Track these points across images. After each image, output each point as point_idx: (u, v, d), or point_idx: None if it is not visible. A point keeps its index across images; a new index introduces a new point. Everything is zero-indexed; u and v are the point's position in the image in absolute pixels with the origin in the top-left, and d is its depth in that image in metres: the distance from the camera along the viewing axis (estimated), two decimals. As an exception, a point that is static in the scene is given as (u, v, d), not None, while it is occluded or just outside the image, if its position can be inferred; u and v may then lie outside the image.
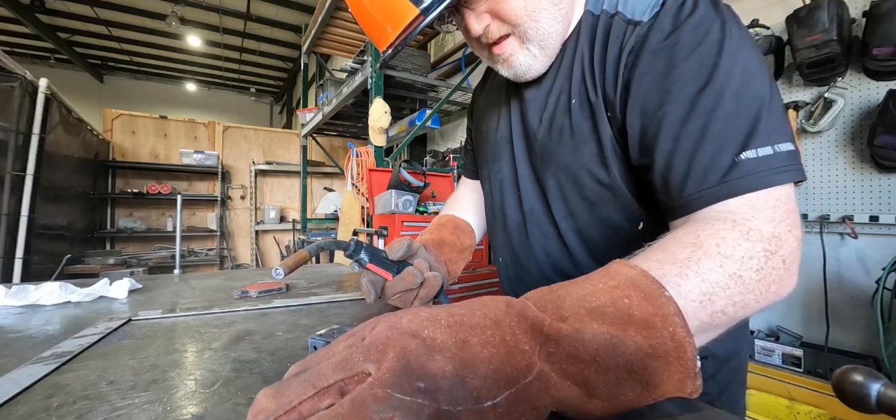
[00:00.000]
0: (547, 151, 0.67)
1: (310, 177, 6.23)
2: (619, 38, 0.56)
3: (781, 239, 0.42)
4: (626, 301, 0.34)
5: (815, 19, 1.94)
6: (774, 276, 0.41)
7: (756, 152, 0.44)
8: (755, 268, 0.40)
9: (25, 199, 3.16)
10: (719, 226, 0.42)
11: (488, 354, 0.29)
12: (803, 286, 2.26)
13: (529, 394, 0.29)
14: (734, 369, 0.67)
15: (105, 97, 9.86)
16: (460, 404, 0.27)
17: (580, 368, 0.31)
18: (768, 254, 0.41)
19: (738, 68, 0.47)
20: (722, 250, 0.40)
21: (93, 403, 0.40)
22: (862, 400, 0.36)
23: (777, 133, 0.45)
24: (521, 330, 0.32)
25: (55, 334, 0.65)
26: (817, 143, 2.18)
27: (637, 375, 0.31)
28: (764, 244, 0.41)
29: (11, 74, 3.14)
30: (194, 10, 7.39)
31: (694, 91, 0.48)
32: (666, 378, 0.32)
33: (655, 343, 0.32)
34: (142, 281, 1.12)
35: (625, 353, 0.31)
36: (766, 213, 0.43)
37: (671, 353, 0.32)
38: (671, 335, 0.33)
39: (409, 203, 2.73)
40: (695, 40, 0.49)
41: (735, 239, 0.41)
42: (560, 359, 0.31)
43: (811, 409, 1.95)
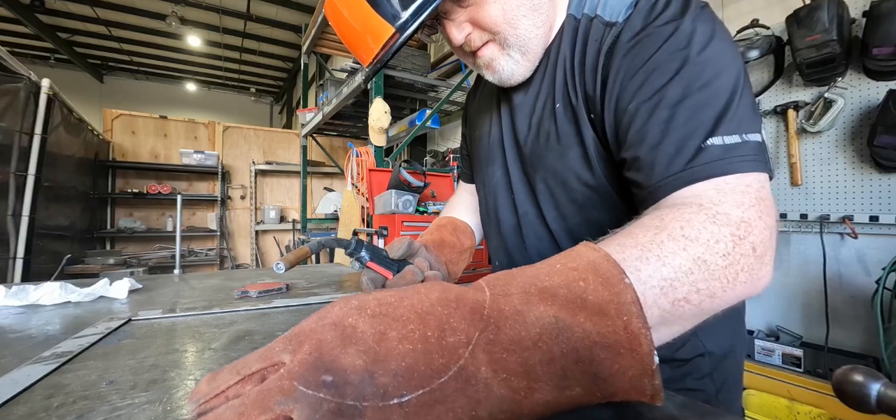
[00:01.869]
0: (535, 156, 0.68)
1: (310, 177, 6.23)
2: (598, 40, 0.57)
3: (751, 224, 0.40)
4: (581, 284, 0.32)
5: (815, 19, 1.94)
6: (744, 263, 0.38)
7: (722, 139, 0.44)
8: (721, 252, 0.38)
9: (27, 199, 3.17)
10: (685, 209, 0.41)
11: (403, 350, 0.27)
12: (803, 286, 2.26)
13: (444, 395, 0.26)
14: (730, 367, 0.67)
15: (105, 97, 9.86)
16: (366, 400, 0.26)
17: (523, 356, 0.28)
18: (736, 238, 0.39)
19: (707, 61, 0.47)
20: (686, 233, 0.38)
21: (93, 403, 0.40)
22: (862, 400, 0.36)
23: (746, 123, 0.45)
24: (456, 319, 0.29)
25: (55, 334, 0.65)
26: (817, 143, 2.18)
27: (584, 366, 0.28)
28: (732, 228, 0.39)
29: (17, 75, 3.14)
30: (194, 10, 7.39)
31: (662, 83, 0.48)
32: (617, 373, 0.29)
33: (605, 331, 0.29)
34: (142, 281, 1.12)
35: (570, 340, 0.29)
36: (735, 198, 0.41)
37: (623, 343, 0.29)
38: (624, 325, 0.30)
39: (409, 203, 2.73)
40: (664, 35, 0.50)
41: (700, 222, 0.39)
42: (500, 346, 0.28)
43: (811, 409, 1.95)
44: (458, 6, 0.59)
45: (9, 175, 3.06)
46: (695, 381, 0.63)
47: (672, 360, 0.63)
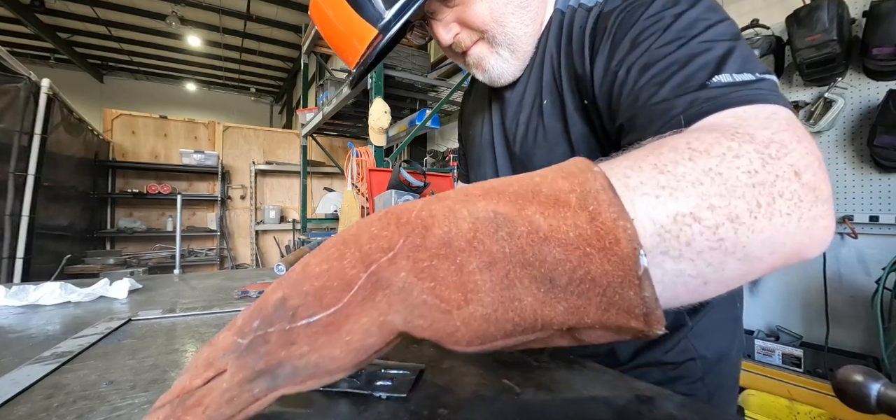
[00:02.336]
0: (525, 154, 0.67)
1: (310, 177, 6.23)
2: (582, 27, 0.56)
3: (787, 145, 0.29)
4: (537, 179, 0.25)
5: (815, 19, 1.94)
6: (782, 188, 0.27)
7: (731, 76, 0.37)
8: (744, 169, 0.27)
9: (27, 199, 3.17)
10: (696, 132, 0.32)
11: (318, 271, 0.25)
12: (803, 286, 2.26)
13: (353, 309, 0.24)
14: (725, 372, 0.64)
15: (105, 97, 9.86)
16: (272, 327, 0.24)
17: (455, 261, 0.23)
18: (765, 157, 0.28)
19: (697, 15, 0.44)
20: (692, 145, 0.29)
21: (93, 403, 0.40)
22: (862, 400, 0.36)
23: (756, 64, 0.39)
24: (380, 229, 0.25)
25: (55, 334, 0.65)
26: (817, 143, 2.18)
27: (533, 270, 0.22)
28: (756, 145, 0.29)
29: (17, 75, 3.14)
30: (194, 10, 7.38)
31: (650, 42, 0.45)
32: (584, 281, 0.22)
33: (561, 225, 0.22)
34: (142, 281, 1.12)
35: (513, 236, 0.23)
36: (760, 121, 0.32)
37: (589, 239, 0.22)
38: (590, 216, 0.22)
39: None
40: (647, 1, 0.47)
41: (714, 138, 0.30)
42: (427, 251, 0.23)
43: (811, 409, 1.95)
44: (445, 6, 0.58)
45: (8, 175, 3.06)
46: (686, 385, 0.60)
47: (661, 363, 0.61)
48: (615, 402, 0.40)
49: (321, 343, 0.23)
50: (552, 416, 0.37)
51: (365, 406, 0.39)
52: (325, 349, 0.23)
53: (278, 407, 0.39)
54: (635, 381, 0.45)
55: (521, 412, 0.38)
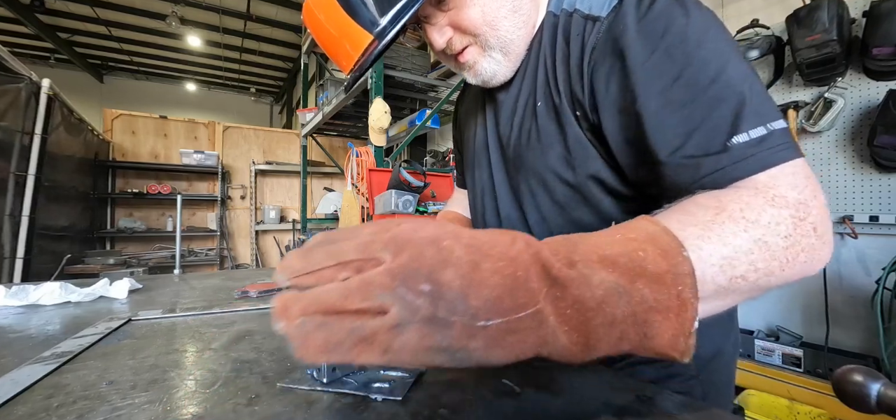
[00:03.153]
0: (518, 156, 0.67)
1: (310, 177, 6.23)
2: (580, 35, 0.55)
3: (809, 205, 0.39)
4: (640, 254, 0.32)
5: (815, 19, 1.94)
6: (804, 243, 0.38)
7: (748, 135, 0.42)
8: (783, 234, 0.38)
9: (27, 199, 3.17)
10: (743, 192, 0.40)
11: (495, 282, 0.30)
12: (803, 286, 2.26)
13: (520, 327, 0.30)
14: (719, 370, 0.65)
15: (105, 97, 9.86)
16: (456, 316, 0.28)
17: (585, 316, 0.31)
18: (796, 220, 0.38)
19: (709, 54, 0.45)
20: (746, 215, 0.38)
21: (93, 403, 0.40)
22: (862, 400, 0.36)
23: (766, 111, 0.43)
24: (533, 270, 0.31)
25: (55, 334, 0.65)
26: (817, 143, 2.18)
27: (639, 329, 0.31)
28: (791, 210, 0.39)
29: (17, 76, 3.14)
30: (194, 10, 7.38)
31: (666, 84, 0.46)
32: (661, 333, 0.32)
33: (661, 298, 0.31)
34: (142, 281, 1.12)
35: (630, 304, 0.31)
36: (788, 181, 0.40)
37: (673, 309, 0.31)
38: (678, 294, 0.32)
39: (409, 203, 2.73)
40: (658, 31, 0.47)
41: (760, 204, 0.39)
42: (566, 303, 0.31)
43: (811, 409, 1.95)
44: (438, 10, 0.58)
45: (9, 174, 3.06)
46: (680, 383, 0.61)
47: (655, 360, 0.61)
48: (615, 402, 0.40)
49: (493, 344, 0.29)
50: (552, 416, 0.37)
51: (365, 407, 0.39)
52: (495, 350, 0.29)
53: (279, 407, 0.39)
54: (635, 380, 0.45)
55: (521, 412, 0.38)
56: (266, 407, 0.39)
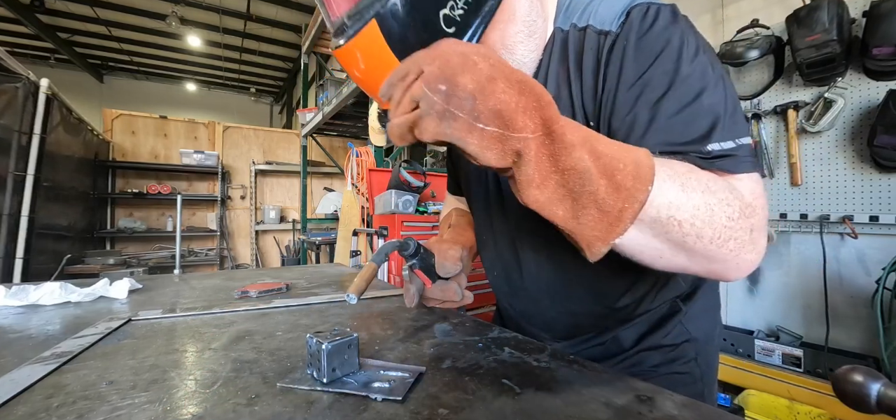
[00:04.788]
0: None
1: (310, 177, 6.23)
2: (594, 50, 0.58)
3: (756, 211, 0.46)
4: (620, 165, 0.40)
5: (815, 19, 1.94)
6: (739, 236, 0.44)
7: (720, 145, 0.48)
8: (728, 215, 0.44)
9: (26, 199, 3.17)
10: (714, 173, 0.47)
11: (502, 98, 0.38)
12: (803, 286, 2.26)
13: (507, 142, 0.39)
14: (711, 353, 0.72)
15: (105, 97, 9.85)
16: (462, 113, 0.38)
17: (553, 167, 0.40)
18: (742, 215, 0.45)
19: (695, 73, 0.51)
20: (710, 186, 0.44)
21: (93, 403, 0.40)
22: (862, 400, 0.36)
23: (737, 129, 0.49)
24: (538, 113, 0.39)
25: (55, 334, 0.65)
26: (817, 143, 2.18)
27: (582, 204, 0.40)
28: (741, 205, 0.45)
29: (15, 75, 3.14)
30: (194, 10, 7.38)
31: (657, 96, 0.51)
32: (589, 225, 0.41)
33: (608, 202, 0.40)
34: (142, 281, 1.12)
35: (584, 187, 0.39)
36: (747, 186, 0.48)
37: (609, 216, 0.40)
38: (621, 209, 0.40)
39: (409, 203, 2.73)
40: (656, 49, 0.52)
41: (722, 185, 0.45)
42: (546, 151, 0.39)
43: (811, 409, 1.95)
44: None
45: (7, 174, 3.06)
46: (682, 365, 0.67)
47: (661, 346, 0.67)
48: (615, 402, 0.40)
49: (485, 145, 0.39)
50: (552, 416, 0.37)
51: (365, 407, 0.39)
52: (486, 151, 0.39)
53: (279, 407, 0.39)
54: (635, 380, 0.46)
55: (521, 412, 0.38)
56: (266, 407, 0.39)
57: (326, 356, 0.43)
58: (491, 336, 0.63)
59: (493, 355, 0.53)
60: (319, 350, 0.43)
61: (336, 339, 0.44)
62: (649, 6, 0.54)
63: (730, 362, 2.25)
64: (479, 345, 0.58)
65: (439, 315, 0.76)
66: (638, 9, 0.55)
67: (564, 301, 0.69)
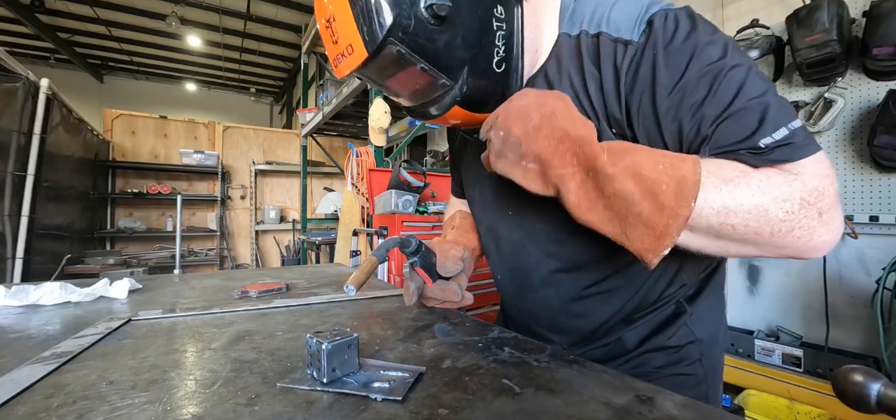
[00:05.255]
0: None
1: (310, 177, 6.23)
2: (611, 57, 0.57)
3: (824, 193, 0.46)
4: (664, 186, 0.45)
5: (815, 19, 1.94)
6: (804, 223, 0.45)
7: (772, 136, 0.48)
8: (785, 210, 0.45)
9: (26, 199, 3.16)
10: (770, 170, 0.47)
11: (543, 144, 0.50)
12: (803, 286, 2.26)
13: (546, 175, 0.50)
14: (716, 354, 0.72)
15: (105, 97, 9.85)
16: (511, 152, 0.52)
17: (600, 194, 0.48)
18: (805, 203, 0.45)
19: (731, 70, 0.50)
20: (762, 186, 0.46)
21: (93, 403, 0.40)
22: (862, 400, 0.36)
23: (786, 113, 0.49)
24: (576, 154, 0.49)
25: (55, 334, 0.65)
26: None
27: (627, 224, 0.47)
28: (804, 194, 0.46)
29: (14, 75, 3.14)
30: (194, 10, 7.38)
31: (700, 99, 0.51)
32: (640, 238, 0.47)
33: (653, 220, 0.45)
34: (142, 281, 1.12)
35: (630, 210, 0.46)
36: (813, 169, 0.47)
37: (656, 231, 0.46)
38: (666, 225, 0.45)
39: (409, 203, 2.73)
40: (688, 52, 0.52)
41: (777, 182, 0.46)
42: (592, 184, 0.48)
43: (811, 409, 1.95)
44: None
45: (7, 174, 3.06)
46: (687, 366, 0.67)
47: (665, 347, 0.67)
48: (615, 402, 0.40)
49: (529, 178, 0.52)
50: (552, 416, 0.37)
51: (365, 407, 0.39)
52: (529, 181, 0.52)
53: (279, 407, 0.39)
54: (635, 380, 0.46)
55: (521, 412, 0.38)
56: (266, 407, 0.39)
57: (326, 356, 0.43)
58: (491, 336, 0.63)
59: (493, 355, 0.53)
60: (319, 350, 0.43)
61: (336, 339, 0.44)
62: (668, 12, 0.54)
63: (730, 362, 2.25)
64: (479, 345, 0.58)
65: (439, 315, 0.76)
66: (659, 16, 0.54)
67: (571, 304, 0.69)
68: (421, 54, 0.52)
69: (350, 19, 0.51)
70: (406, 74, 0.56)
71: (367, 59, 0.51)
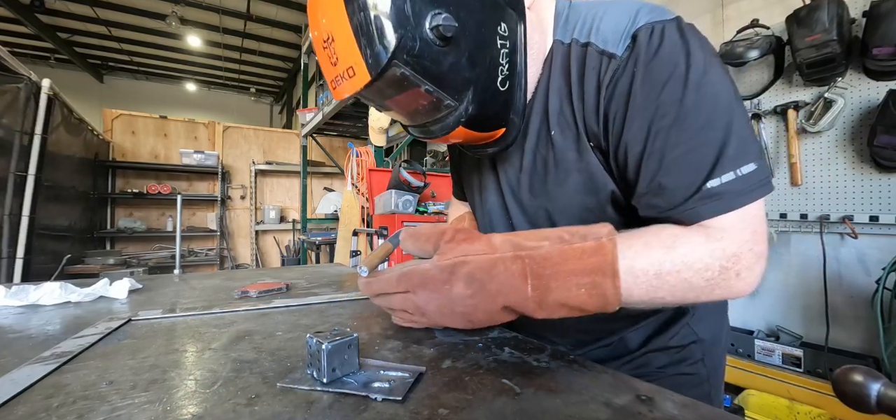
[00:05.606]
0: (532, 183, 0.68)
1: (310, 177, 6.23)
2: (596, 70, 0.57)
3: (741, 257, 0.50)
4: (591, 307, 0.51)
5: (815, 19, 1.94)
6: (723, 285, 0.50)
7: (720, 180, 0.50)
8: (706, 278, 0.50)
9: (27, 199, 3.17)
10: (694, 236, 0.51)
11: (455, 319, 0.56)
12: (803, 286, 2.26)
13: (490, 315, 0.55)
14: (718, 354, 0.73)
15: (105, 97, 9.85)
16: (432, 318, 0.57)
17: (543, 313, 0.52)
18: (723, 269, 0.50)
19: (703, 99, 0.51)
20: (686, 260, 0.50)
21: (93, 403, 0.40)
22: (862, 400, 0.36)
23: (740, 155, 0.50)
24: (503, 303, 0.53)
25: (55, 334, 0.65)
26: (817, 143, 2.18)
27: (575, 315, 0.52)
28: (723, 262, 0.50)
29: (17, 75, 3.14)
30: (194, 10, 7.38)
31: (665, 126, 0.52)
32: (593, 300, 0.51)
33: (593, 302, 0.51)
34: (142, 281, 1.12)
35: (574, 314, 0.52)
36: (734, 234, 0.50)
37: (597, 299, 0.50)
38: (603, 308, 0.51)
39: (409, 203, 2.74)
40: (664, 76, 0.52)
41: (700, 254, 0.50)
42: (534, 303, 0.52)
43: (811, 409, 1.95)
44: None
45: (8, 174, 3.06)
46: (689, 366, 0.68)
47: (667, 347, 0.68)
48: (615, 402, 0.40)
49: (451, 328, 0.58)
50: (552, 416, 0.37)
51: (365, 407, 0.39)
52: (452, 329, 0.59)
53: (279, 407, 0.39)
54: (636, 380, 0.45)
55: (521, 412, 0.38)
56: (266, 407, 0.39)
57: (326, 356, 0.43)
58: (491, 336, 0.63)
59: (493, 355, 0.53)
60: (319, 350, 0.43)
61: (336, 339, 0.44)
62: (654, 26, 0.54)
63: (730, 362, 2.25)
64: (479, 345, 0.58)
65: (439, 315, 0.76)
66: (644, 31, 0.54)
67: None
68: (426, 76, 0.50)
69: (351, 40, 0.48)
70: (409, 96, 0.54)
71: (370, 82, 0.49)
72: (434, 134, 0.59)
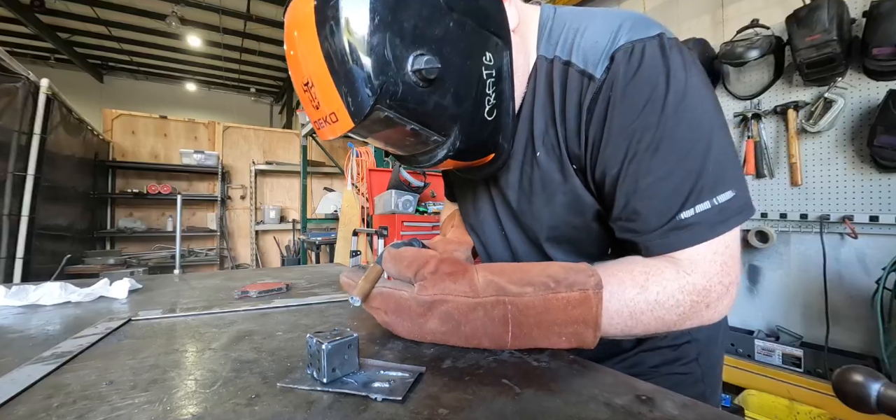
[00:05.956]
0: (521, 200, 0.68)
1: (310, 177, 6.23)
2: (577, 91, 0.56)
3: (710, 291, 0.51)
4: (580, 328, 0.51)
5: (815, 19, 1.94)
6: (694, 317, 0.52)
7: (694, 210, 0.50)
8: (678, 312, 0.51)
9: (26, 199, 3.17)
10: (666, 271, 0.52)
11: (431, 334, 0.54)
12: (803, 286, 2.26)
13: (471, 333, 0.52)
14: (714, 354, 0.73)
15: (105, 97, 9.85)
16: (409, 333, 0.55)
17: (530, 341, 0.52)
18: (694, 303, 0.51)
19: (681, 122, 0.51)
20: (658, 298, 0.51)
21: (93, 403, 0.40)
22: (862, 400, 0.36)
23: (719, 184, 0.51)
24: (496, 331, 0.52)
25: (55, 334, 0.65)
26: (817, 143, 2.18)
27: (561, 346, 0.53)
28: (693, 297, 0.51)
29: (15, 75, 3.14)
30: (194, 10, 7.37)
31: (641, 150, 0.52)
32: (571, 340, 0.52)
33: (580, 336, 0.51)
34: (142, 281, 1.12)
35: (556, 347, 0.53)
36: (704, 268, 0.51)
37: (575, 336, 0.51)
38: (584, 342, 0.51)
39: (409, 203, 2.73)
40: (642, 100, 0.52)
41: (671, 290, 0.51)
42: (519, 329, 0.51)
43: (811, 409, 1.95)
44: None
45: (7, 174, 3.06)
46: (683, 366, 0.68)
47: (661, 347, 0.68)
48: (615, 402, 0.40)
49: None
50: (552, 416, 0.37)
51: (365, 407, 0.39)
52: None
53: (279, 407, 0.39)
54: (635, 380, 0.46)
55: (521, 412, 0.38)
56: (266, 407, 0.39)
57: (326, 356, 0.43)
58: (491, 336, 0.63)
59: (493, 355, 0.53)
60: (319, 350, 0.43)
61: (336, 339, 0.44)
62: (634, 46, 0.52)
63: (730, 362, 2.25)
64: (479, 345, 0.58)
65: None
66: (622, 52, 0.53)
67: None
68: (411, 117, 0.49)
69: (331, 87, 0.46)
70: (395, 133, 0.53)
71: (353, 128, 0.48)
72: (423, 164, 0.59)
